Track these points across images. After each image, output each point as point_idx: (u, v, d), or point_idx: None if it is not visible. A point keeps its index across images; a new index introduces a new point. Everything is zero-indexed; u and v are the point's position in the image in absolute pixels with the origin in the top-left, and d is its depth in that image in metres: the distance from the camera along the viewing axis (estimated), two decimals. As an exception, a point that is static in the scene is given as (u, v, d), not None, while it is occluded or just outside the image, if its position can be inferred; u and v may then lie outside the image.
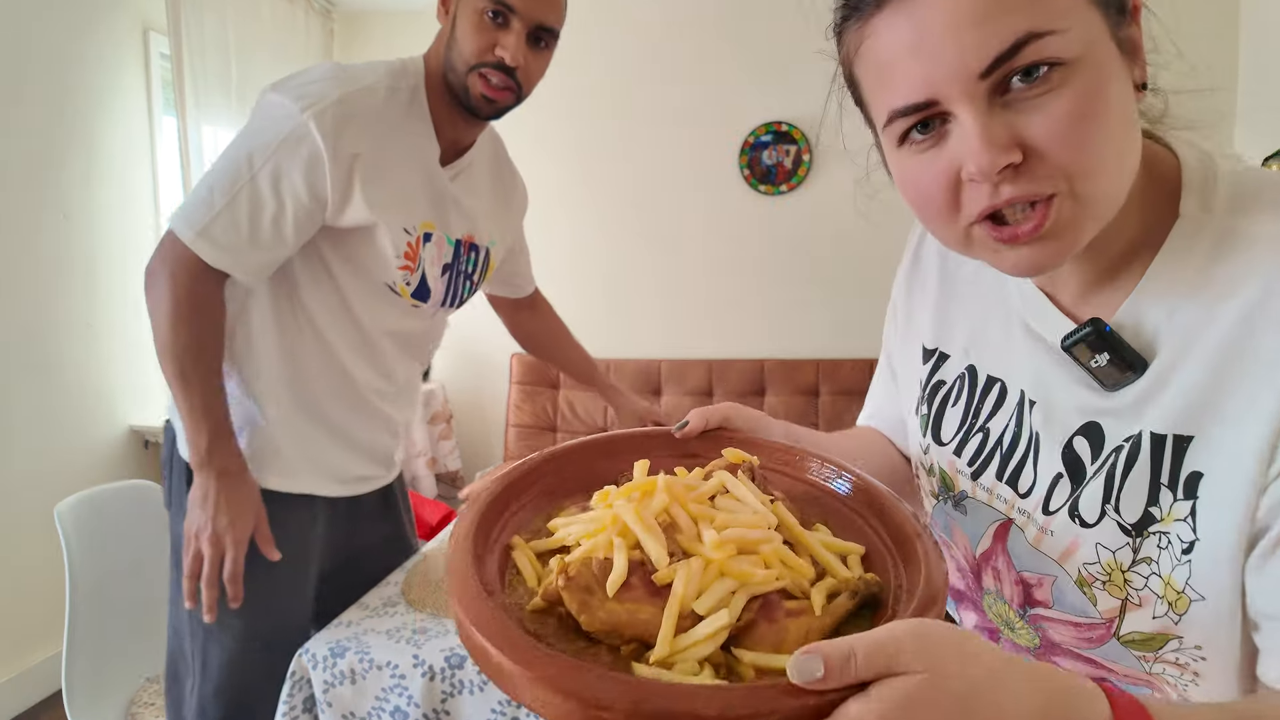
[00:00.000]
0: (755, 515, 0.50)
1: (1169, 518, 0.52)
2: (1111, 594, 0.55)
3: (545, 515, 0.57)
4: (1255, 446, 0.47)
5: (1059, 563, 0.59)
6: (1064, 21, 0.46)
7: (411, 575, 1.42)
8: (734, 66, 3.46)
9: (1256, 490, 0.47)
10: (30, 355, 2.34)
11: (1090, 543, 0.56)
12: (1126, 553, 0.54)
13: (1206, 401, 0.50)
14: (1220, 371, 0.49)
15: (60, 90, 2.43)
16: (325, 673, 1.14)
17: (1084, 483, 0.57)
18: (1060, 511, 0.58)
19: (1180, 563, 0.51)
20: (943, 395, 0.72)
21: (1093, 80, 0.47)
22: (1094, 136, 0.47)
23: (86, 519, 1.53)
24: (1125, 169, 0.50)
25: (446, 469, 3.61)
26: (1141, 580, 0.53)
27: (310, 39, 3.45)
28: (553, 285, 3.70)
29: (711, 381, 3.47)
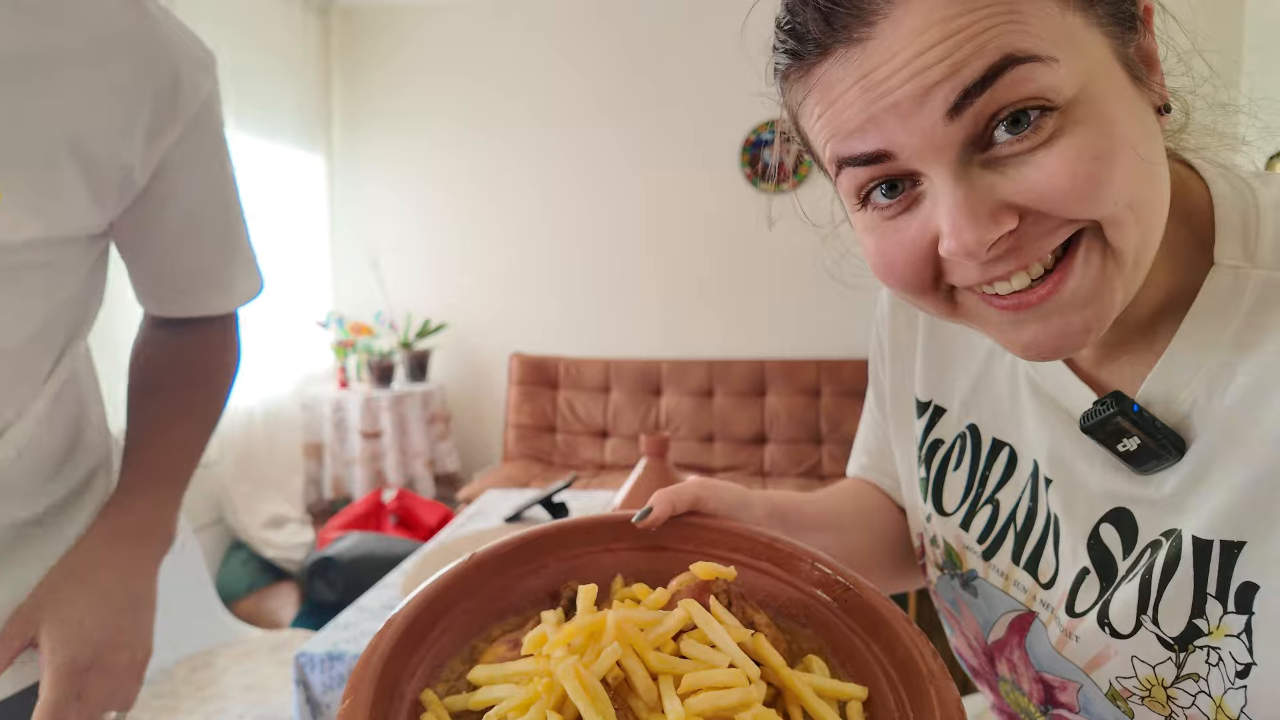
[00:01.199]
0: (730, 672, 0.39)
1: (1218, 632, 0.43)
2: (1153, 709, 0.47)
3: (470, 648, 0.47)
4: None
5: (1086, 672, 0.50)
6: (1055, 47, 0.37)
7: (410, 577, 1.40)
8: (735, 64, 3.45)
9: None
10: (25, 355, 2.33)
11: (1125, 655, 0.47)
12: (1169, 668, 0.45)
13: (1259, 504, 0.41)
14: (1276, 469, 0.40)
15: (56, 88, 2.41)
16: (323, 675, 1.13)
17: (1115, 584, 0.48)
18: (1088, 615, 0.49)
19: (1234, 686, 0.42)
20: (942, 457, 0.62)
21: (1098, 121, 0.38)
22: (1108, 189, 0.38)
23: (81, 520, 1.52)
24: (1155, 213, 0.41)
25: (445, 470, 3.60)
26: (1189, 698, 0.45)
27: (307, 35, 3.44)
28: (554, 285, 3.70)
29: (712, 381, 3.45)
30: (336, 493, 3.33)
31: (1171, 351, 0.45)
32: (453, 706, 0.41)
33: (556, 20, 3.57)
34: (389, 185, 3.76)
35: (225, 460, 2.90)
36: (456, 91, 3.67)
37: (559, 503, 1.80)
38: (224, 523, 3.00)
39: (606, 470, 3.35)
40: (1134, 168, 0.39)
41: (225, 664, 1.62)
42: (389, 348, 3.54)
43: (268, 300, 3.22)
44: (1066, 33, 0.38)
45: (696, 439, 3.38)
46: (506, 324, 3.74)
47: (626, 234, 3.63)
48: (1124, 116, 0.39)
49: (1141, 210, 0.40)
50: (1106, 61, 0.40)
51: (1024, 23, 0.37)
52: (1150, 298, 0.46)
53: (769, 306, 3.56)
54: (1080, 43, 0.38)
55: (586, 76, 3.58)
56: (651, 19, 3.51)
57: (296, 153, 3.41)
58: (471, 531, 1.68)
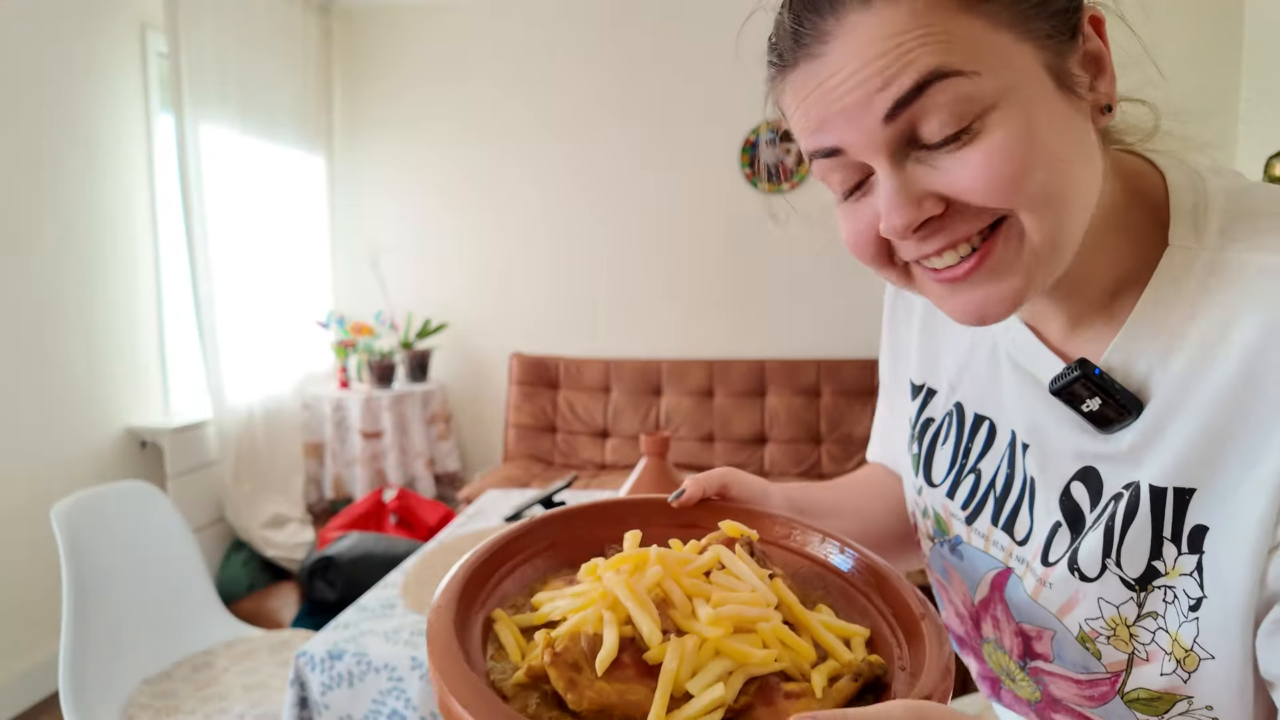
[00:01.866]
0: (753, 593, 0.47)
1: (1174, 572, 0.49)
2: (1117, 648, 0.52)
3: (528, 590, 0.54)
4: (1257, 507, 0.44)
5: (1058, 617, 0.55)
6: (978, 62, 0.43)
7: (410, 577, 1.40)
8: (734, 65, 3.45)
9: (1261, 552, 0.44)
10: (27, 355, 2.33)
11: (1092, 597, 0.53)
12: (1131, 607, 0.51)
13: (1207, 454, 0.47)
14: (1220, 423, 0.46)
15: (57, 88, 2.42)
16: (323, 675, 1.13)
17: (1083, 533, 0.53)
18: (1060, 563, 0.55)
19: (1187, 619, 0.48)
20: (932, 434, 0.68)
21: (1016, 125, 0.44)
22: (1024, 183, 0.44)
23: (83, 520, 1.52)
24: (1075, 207, 0.47)
25: (445, 469, 3.60)
26: (1148, 635, 0.51)
27: (309, 37, 3.44)
28: (554, 285, 3.70)
29: (712, 381, 3.45)
30: (337, 492, 3.33)
31: (1130, 323, 0.50)
32: (520, 623, 0.48)
33: (556, 21, 3.57)
34: (390, 186, 3.76)
35: (226, 460, 2.90)
36: (457, 92, 3.67)
37: (559, 502, 1.80)
38: (224, 522, 3.01)
39: (607, 470, 3.35)
40: (1049, 166, 0.44)
41: (226, 663, 1.63)
42: (389, 348, 3.54)
43: (269, 300, 3.25)
44: (992, 48, 0.44)
45: (696, 439, 3.39)
46: (507, 324, 3.74)
47: (626, 234, 3.63)
48: (1043, 120, 0.44)
49: (1055, 203, 0.45)
50: (1032, 72, 0.45)
51: (951, 40, 0.43)
52: (1111, 275, 0.52)
53: (769, 307, 3.56)
54: (1005, 55, 0.44)
55: (586, 77, 3.58)
56: (651, 20, 3.51)
57: (298, 154, 3.42)
58: (472, 531, 1.68)
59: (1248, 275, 0.46)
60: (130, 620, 1.58)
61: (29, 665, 2.34)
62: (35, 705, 2.34)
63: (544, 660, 0.42)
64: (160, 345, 2.87)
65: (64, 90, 2.44)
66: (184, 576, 1.72)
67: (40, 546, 2.35)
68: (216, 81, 2.85)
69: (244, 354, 3.01)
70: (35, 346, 2.36)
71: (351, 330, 3.43)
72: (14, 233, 2.29)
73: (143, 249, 2.78)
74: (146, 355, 2.80)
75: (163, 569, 1.68)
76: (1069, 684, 0.57)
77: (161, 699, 1.50)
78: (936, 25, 0.43)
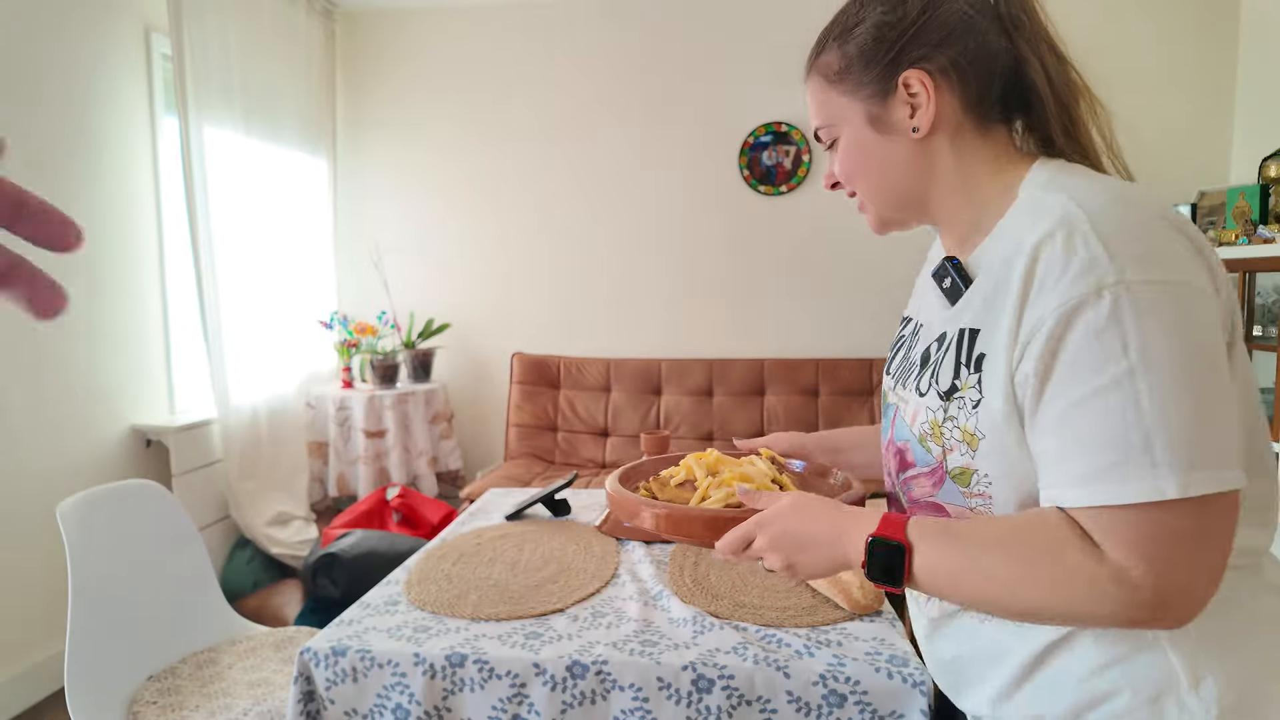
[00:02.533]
0: (758, 469, 0.98)
1: (965, 386, 0.73)
2: (936, 442, 0.76)
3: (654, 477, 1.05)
4: (1004, 340, 0.68)
5: (911, 427, 0.80)
6: (832, 116, 0.82)
7: (412, 574, 1.42)
8: (734, 67, 3.47)
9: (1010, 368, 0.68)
10: (32, 355, 2.35)
11: (924, 408, 0.78)
12: (941, 413, 0.76)
13: (987, 307, 0.71)
14: (994, 288, 0.71)
15: (62, 90, 2.44)
16: (327, 670, 1.15)
17: (926, 367, 0.80)
18: (912, 390, 0.81)
19: (971, 415, 0.72)
20: (901, 343, 0.92)
21: (846, 148, 0.82)
22: (855, 178, 0.82)
23: (88, 518, 1.54)
24: (882, 187, 0.82)
25: (447, 468, 3.62)
26: (949, 431, 0.75)
27: (311, 39, 3.46)
28: (554, 286, 3.72)
29: (711, 381, 3.47)
30: (341, 491, 3.35)
31: (989, 238, 0.76)
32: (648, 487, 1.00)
33: (557, 24, 3.59)
34: (392, 187, 3.78)
35: (230, 458, 2.92)
36: (459, 94, 3.69)
37: (560, 500, 1.82)
38: (229, 520, 3.03)
39: (607, 469, 3.37)
40: (859, 168, 0.82)
41: (230, 660, 1.64)
42: (392, 348, 3.56)
43: (274, 301, 3.26)
44: (839, 106, 0.81)
45: (696, 437, 3.40)
46: (508, 324, 3.76)
47: (626, 235, 3.65)
48: (867, 145, 0.80)
49: (871, 193, 0.83)
50: (856, 117, 0.80)
51: (822, 105, 0.83)
52: (968, 217, 0.79)
53: (768, 307, 3.57)
54: (843, 110, 0.81)
55: (587, 79, 3.60)
56: (651, 23, 3.53)
57: (301, 155, 3.44)
58: (474, 529, 1.70)
59: (1035, 208, 0.71)
60: (135, 617, 1.59)
61: (34, 662, 2.36)
62: (40, 702, 2.36)
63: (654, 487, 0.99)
64: (165, 345, 2.89)
65: (69, 92, 2.46)
66: (189, 574, 1.74)
67: (46, 544, 2.37)
68: (220, 84, 2.87)
69: (248, 354, 3.03)
70: (41, 346, 2.38)
71: (355, 330, 3.45)
72: (20, 234, 2.30)
73: (148, 250, 2.80)
74: (152, 355, 2.82)
75: (167, 567, 1.70)
76: (923, 479, 0.80)
77: (166, 695, 1.52)
78: (820, 95, 0.83)
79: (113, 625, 1.54)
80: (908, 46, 0.75)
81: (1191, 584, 0.61)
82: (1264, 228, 2.72)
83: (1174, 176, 3.31)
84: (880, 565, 0.71)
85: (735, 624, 1.21)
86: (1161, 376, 0.61)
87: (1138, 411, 0.61)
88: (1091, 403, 0.62)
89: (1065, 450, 0.64)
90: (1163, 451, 0.60)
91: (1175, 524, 0.60)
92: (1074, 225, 0.65)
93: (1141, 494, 0.60)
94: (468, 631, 1.20)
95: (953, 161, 0.77)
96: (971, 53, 0.74)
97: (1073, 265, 0.63)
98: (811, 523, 0.76)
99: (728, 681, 1.07)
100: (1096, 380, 0.62)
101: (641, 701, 1.08)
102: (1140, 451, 0.60)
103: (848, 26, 0.79)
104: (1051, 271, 0.65)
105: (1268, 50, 3.06)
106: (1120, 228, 0.64)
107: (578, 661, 1.10)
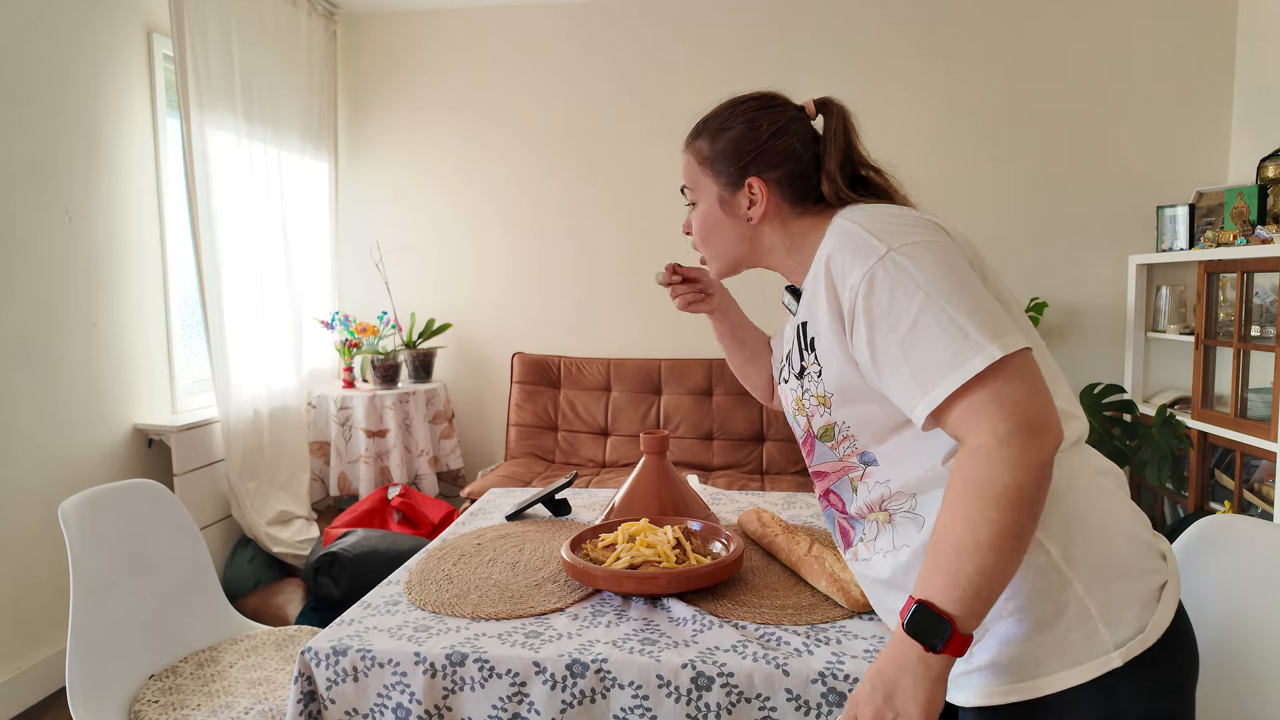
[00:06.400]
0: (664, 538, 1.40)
1: (809, 364, 0.97)
2: (800, 412, 1.01)
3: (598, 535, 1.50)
4: (827, 322, 0.91)
5: (790, 410, 1.05)
6: (696, 186, 1.07)
7: (413, 574, 1.43)
8: (733, 67, 3.47)
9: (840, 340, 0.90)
10: (34, 355, 2.36)
11: (789, 389, 1.03)
12: (798, 388, 1.00)
13: (810, 306, 0.96)
14: (813, 292, 0.95)
15: (64, 91, 2.44)
16: (328, 670, 1.15)
17: (789, 362, 1.03)
18: (780, 381, 1.08)
19: (818, 382, 0.95)
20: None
21: (703, 213, 1.07)
22: (702, 242, 1.09)
23: (90, 517, 1.55)
24: (721, 248, 1.07)
25: (448, 468, 3.63)
26: (807, 401, 0.98)
27: (313, 41, 3.47)
28: (555, 286, 3.73)
29: (711, 381, 3.47)
30: (342, 490, 3.36)
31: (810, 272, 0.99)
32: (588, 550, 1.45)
33: (557, 24, 3.59)
34: (393, 188, 3.79)
35: (232, 458, 2.93)
36: (459, 95, 3.69)
37: (561, 500, 1.83)
38: (231, 519, 3.03)
39: (607, 468, 3.37)
40: (706, 236, 1.08)
41: (231, 659, 1.65)
42: (393, 347, 3.57)
43: (275, 301, 3.26)
44: (702, 182, 1.06)
45: (696, 437, 3.41)
46: (509, 324, 3.77)
47: (627, 235, 3.65)
48: (709, 217, 1.06)
49: (711, 255, 1.09)
50: (711, 196, 1.06)
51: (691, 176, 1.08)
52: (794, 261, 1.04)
53: (767, 307, 3.57)
54: (706, 186, 1.06)
55: (587, 80, 3.60)
56: (651, 24, 3.53)
57: (302, 156, 3.44)
58: (474, 529, 1.71)
59: (834, 231, 0.94)
60: (137, 617, 1.60)
61: (35, 660, 2.37)
62: (41, 701, 2.37)
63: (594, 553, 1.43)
64: (167, 345, 2.90)
65: (71, 93, 2.47)
66: (190, 573, 1.75)
67: (47, 544, 2.38)
68: (222, 85, 2.87)
69: (250, 353, 3.03)
70: (43, 346, 2.39)
71: (356, 330, 3.46)
72: (24, 234, 2.31)
73: (150, 250, 2.80)
74: (154, 355, 2.83)
75: (169, 566, 1.70)
76: (806, 452, 1.04)
77: (168, 694, 1.52)
78: (689, 166, 1.08)
79: (114, 624, 1.54)
80: (755, 160, 1.02)
81: (1042, 409, 0.77)
82: (1262, 228, 2.73)
83: (1172, 177, 3.31)
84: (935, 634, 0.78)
85: (734, 622, 1.22)
86: (947, 291, 0.82)
87: (948, 316, 0.80)
88: (915, 329, 0.81)
89: (916, 369, 0.81)
90: (976, 333, 0.79)
91: (1008, 378, 0.78)
92: (849, 231, 0.90)
93: (982, 362, 0.77)
94: (468, 631, 1.20)
95: (780, 238, 1.04)
96: (795, 171, 1.02)
97: (858, 253, 0.87)
98: (878, 672, 0.81)
99: (727, 679, 1.08)
100: (909, 313, 0.82)
101: (641, 700, 1.09)
102: (964, 339, 0.79)
103: (720, 128, 1.05)
104: (845, 264, 0.88)
105: (1265, 51, 3.06)
106: (881, 222, 0.90)
107: (577, 660, 1.11)
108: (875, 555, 0.96)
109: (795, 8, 3.40)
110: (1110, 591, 0.83)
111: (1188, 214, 3.09)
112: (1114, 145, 3.35)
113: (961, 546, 0.77)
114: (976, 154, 3.44)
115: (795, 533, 1.47)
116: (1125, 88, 3.32)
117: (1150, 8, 3.27)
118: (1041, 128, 3.39)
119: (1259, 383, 2.77)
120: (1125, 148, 3.35)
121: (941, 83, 3.42)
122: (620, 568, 1.32)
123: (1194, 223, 3.10)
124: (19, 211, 2.30)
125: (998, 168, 3.43)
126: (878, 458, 0.94)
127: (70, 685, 1.42)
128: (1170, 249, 3.16)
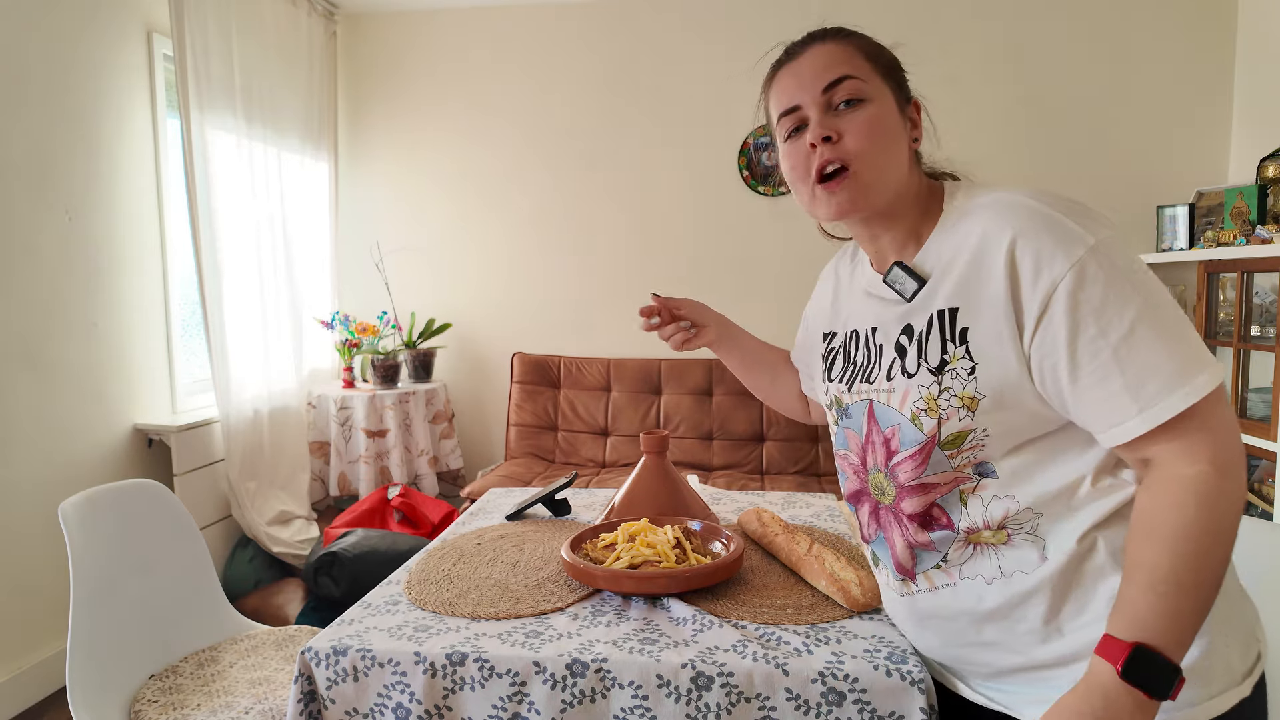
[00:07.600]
0: (664, 538, 1.35)
1: (955, 358, 0.85)
2: (931, 415, 0.87)
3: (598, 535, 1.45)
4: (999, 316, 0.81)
5: (899, 410, 0.90)
6: (865, 77, 0.89)
7: (413, 574, 1.43)
8: (734, 67, 3.47)
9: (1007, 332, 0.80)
10: (34, 354, 2.36)
11: (915, 386, 0.88)
12: (935, 387, 0.86)
13: (964, 290, 0.85)
14: (969, 275, 0.84)
15: (64, 91, 2.44)
16: (328, 670, 1.15)
17: (906, 354, 0.91)
18: (897, 375, 0.91)
19: (969, 381, 0.84)
20: (833, 354, 1.06)
21: (876, 114, 0.89)
22: (868, 140, 0.88)
23: (90, 517, 1.55)
24: (890, 168, 0.89)
25: (448, 468, 3.63)
26: (947, 400, 0.85)
27: (313, 41, 3.47)
28: (555, 286, 3.73)
29: (711, 381, 3.47)
30: (342, 490, 3.36)
31: (925, 247, 0.91)
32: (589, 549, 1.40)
33: (558, 25, 3.59)
34: (393, 188, 3.79)
35: (232, 458, 2.93)
36: (459, 95, 3.69)
37: (561, 500, 1.83)
38: (231, 519, 3.04)
39: (607, 468, 3.37)
40: (886, 140, 0.89)
41: (231, 659, 1.65)
42: (393, 347, 3.57)
43: (275, 301, 3.27)
44: (874, 78, 0.90)
45: (695, 437, 3.41)
46: (509, 324, 3.77)
47: (626, 235, 3.65)
48: (889, 117, 0.90)
49: (875, 163, 0.88)
50: (889, 98, 0.90)
51: (856, 67, 0.89)
52: (908, 224, 0.94)
53: (767, 307, 3.58)
54: (879, 84, 0.90)
55: (587, 80, 3.60)
56: (651, 24, 3.53)
57: (302, 156, 3.44)
58: (474, 529, 1.71)
59: (975, 211, 0.86)
60: (137, 616, 1.60)
61: (35, 660, 2.37)
62: (41, 701, 2.37)
63: (594, 553, 1.36)
64: (167, 344, 2.90)
65: (72, 93, 2.47)
66: (190, 573, 1.75)
67: (47, 544, 2.38)
68: (222, 85, 2.87)
69: (250, 353, 3.04)
70: (43, 346, 2.39)
71: (356, 330, 3.46)
72: (24, 234, 2.31)
73: (150, 250, 2.80)
74: (154, 354, 2.83)
75: (169, 566, 1.70)
76: (908, 463, 0.90)
77: (168, 694, 1.52)
78: (853, 58, 0.90)
79: (114, 624, 1.54)
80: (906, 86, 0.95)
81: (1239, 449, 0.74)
82: (1262, 228, 2.73)
83: (1172, 176, 3.31)
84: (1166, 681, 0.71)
85: (734, 622, 1.22)
86: (1160, 296, 0.75)
87: (1166, 325, 0.74)
88: (1134, 335, 0.74)
89: (1133, 380, 0.74)
90: (1196, 348, 0.74)
91: (1219, 401, 0.74)
92: (1035, 211, 0.80)
93: (1208, 381, 0.72)
94: (468, 630, 1.20)
95: (915, 177, 0.94)
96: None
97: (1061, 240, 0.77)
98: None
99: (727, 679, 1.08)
100: (1126, 316, 0.74)
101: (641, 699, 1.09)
102: (1187, 352, 0.73)
103: (876, 46, 0.94)
104: (1041, 249, 0.78)
105: (1265, 51, 3.06)
106: (1065, 205, 0.81)
107: (577, 660, 1.11)
108: (964, 581, 0.88)
109: (795, 7, 3.40)
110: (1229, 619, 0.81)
111: (1187, 214, 3.09)
112: (1113, 145, 3.35)
113: (1180, 584, 0.70)
114: (976, 154, 3.44)
115: (795, 533, 1.47)
116: (1125, 88, 3.32)
117: (1150, 8, 3.27)
118: (1041, 128, 3.39)
119: (1259, 383, 2.77)
120: (1125, 148, 3.35)
121: (941, 83, 3.43)
122: (620, 567, 1.31)
123: (1194, 223, 3.10)
124: (19, 211, 2.30)
125: (997, 168, 3.43)
126: (999, 470, 0.85)
127: (70, 685, 1.42)
128: (1170, 249, 3.16)
